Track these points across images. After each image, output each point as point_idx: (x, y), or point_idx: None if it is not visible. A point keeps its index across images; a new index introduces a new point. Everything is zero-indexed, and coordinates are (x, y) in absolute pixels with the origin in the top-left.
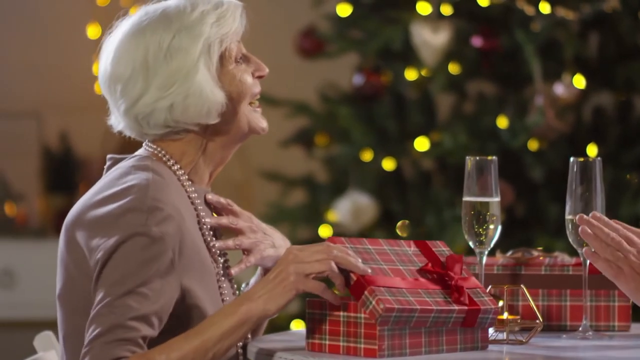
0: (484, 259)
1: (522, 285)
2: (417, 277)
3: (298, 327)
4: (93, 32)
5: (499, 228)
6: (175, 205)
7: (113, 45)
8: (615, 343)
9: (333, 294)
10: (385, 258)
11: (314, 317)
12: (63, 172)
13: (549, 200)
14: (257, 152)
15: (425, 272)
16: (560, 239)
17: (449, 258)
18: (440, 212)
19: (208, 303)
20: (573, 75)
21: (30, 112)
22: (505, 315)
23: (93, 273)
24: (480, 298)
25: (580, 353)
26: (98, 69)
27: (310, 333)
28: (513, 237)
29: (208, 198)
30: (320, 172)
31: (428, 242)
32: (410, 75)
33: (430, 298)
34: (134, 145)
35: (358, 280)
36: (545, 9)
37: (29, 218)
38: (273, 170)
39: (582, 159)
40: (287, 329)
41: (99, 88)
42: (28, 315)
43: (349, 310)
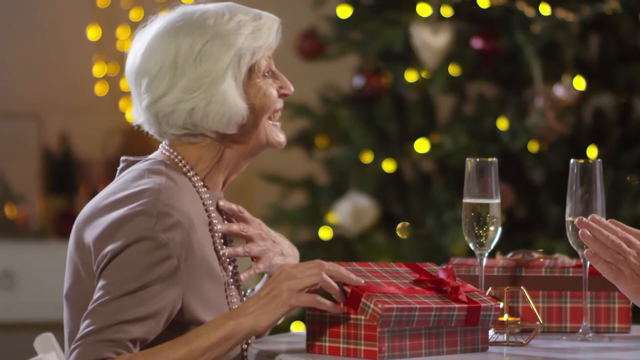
0: (484, 261)
1: (522, 287)
2: (412, 286)
3: (298, 328)
4: (93, 33)
5: (499, 230)
6: (186, 212)
7: (145, 40)
8: (616, 345)
9: (330, 303)
10: (378, 275)
11: (314, 318)
12: (63, 173)
13: (549, 202)
14: None
15: (420, 282)
16: (561, 241)
17: (442, 271)
18: (441, 213)
19: (214, 311)
20: (573, 77)
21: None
22: (506, 317)
23: (96, 271)
24: (479, 298)
25: (581, 355)
26: (127, 60)
27: (311, 335)
28: (513, 238)
29: (220, 205)
30: (321, 173)
31: (418, 263)
32: (411, 77)
33: (428, 299)
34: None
35: (353, 292)
36: (546, 11)
37: (30, 220)
38: (273, 172)
39: (582, 161)
40: (287, 331)
41: (100, 90)
42: (28, 317)
43: (349, 312)
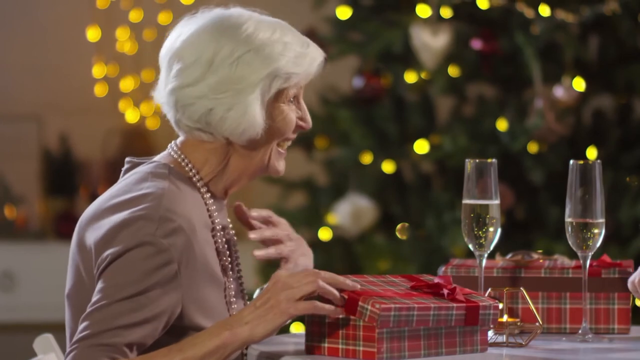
0: (484, 262)
1: (521, 288)
2: (409, 291)
3: (298, 329)
4: (93, 34)
5: (499, 231)
6: (188, 218)
7: (191, 28)
8: (615, 346)
9: (329, 307)
10: (374, 284)
11: (314, 319)
12: (63, 174)
13: (549, 203)
14: None
15: (417, 288)
16: (560, 242)
17: (439, 278)
18: (440, 214)
19: (214, 316)
20: (573, 78)
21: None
22: (505, 318)
23: (96, 273)
24: (477, 298)
25: (580, 356)
26: (166, 41)
27: (310, 336)
28: (513, 239)
29: (253, 216)
30: (320, 174)
31: (414, 275)
32: (410, 78)
33: (426, 300)
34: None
35: (350, 297)
36: (545, 12)
37: (29, 221)
38: None
39: (582, 162)
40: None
41: (99, 91)
42: (28, 318)
43: (349, 313)
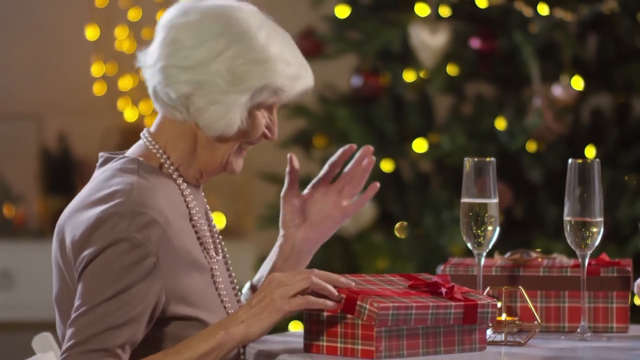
0: (482, 261)
1: (520, 287)
2: (407, 290)
3: (296, 328)
4: (92, 33)
5: (498, 229)
6: (160, 209)
7: (200, 10)
8: (614, 344)
9: (322, 300)
10: (371, 283)
11: (312, 318)
12: (62, 173)
13: (548, 202)
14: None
15: (415, 287)
16: (559, 241)
17: (436, 277)
18: (439, 213)
19: (202, 302)
20: (571, 77)
21: (30, 113)
22: (504, 317)
23: (76, 277)
24: (475, 296)
25: (579, 354)
26: (171, 10)
27: (308, 334)
28: (511, 238)
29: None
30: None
31: (412, 273)
32: (409, 77)
33: (424, 299)
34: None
35: (348, 297)
36: (544, 11)
37: (28, 219)
38: (272, 172)
39: (580, 161)
40: (285, 330)
41: (98, 90)
42: (26, 317)
43: (347, 312)
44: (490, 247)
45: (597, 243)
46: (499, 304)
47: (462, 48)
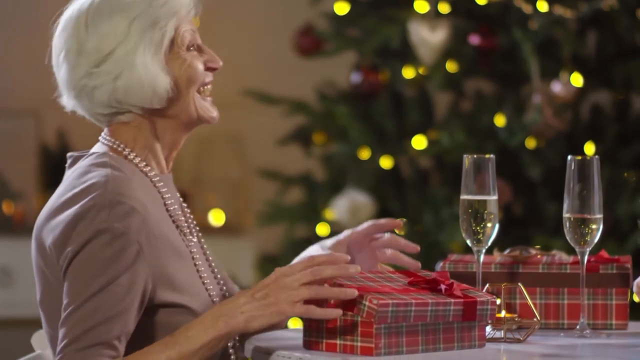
0: (482, 257)
1: (519, 284)
2: (406, 287)
3: (295, 325)
4: None
5: (497, 226)
6: (138, 198)
7: (61, 20)
8: (613, 341)
9: (323, 310)
10: (371, 280)
11: None
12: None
13: (547, 199)
14: (254, 150)
15: (414, 284)
16: (558, 238)
17: (436, 274)
18: (438, 210)
19: (188, 290)
20: (571, 74)
21: (29, 110)
22: (503, 314)
23: (62, 276)
24: (475, 293)
25: (578, 351)
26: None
27: (308, 331)
28: (511, 235)
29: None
30: (318, 170)
31: (411, 270)
32: (408, 74)
33: (424, 296)
34: None
35: None
36: (543, 7)
37: (27, 216)
38: (271, 169)
39: (579, 157)
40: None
41: None
42: (26, 314)
43: (346, 309)
44: (490, 244)
45: (596, 240)
46: (498, 301)
47: (461, 45)
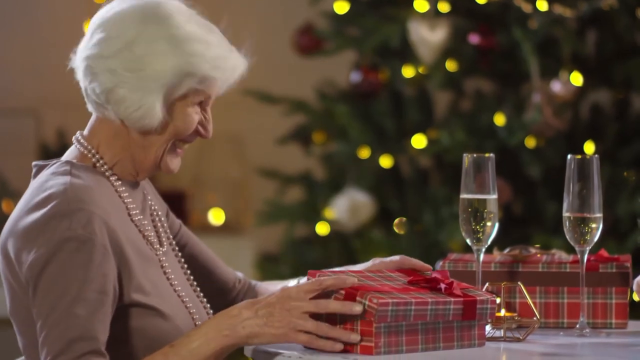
0: (481, 256)
1: (519, 283)
2: (406, 286)
3: None
4: None
5: (497, 225)
6: (98, 203)
7: (127, 4)
8: (613, 340)
9: (324, 342)
10: (371, 279)
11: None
12: None
13: (547, 198)
14: (254, 149)
15: (414, 283)
16: (558, 237)
17: (435, 272)
18: (438, 209)
19: (156, 291)
20: (570, 73)
21: (28, 109)
22: (503, 313)
23: (27, 287)
24: (474, 292)
25: (578, 350)
26: (101, 9)
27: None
28: (510, 234)
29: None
30: (318, 169)
31: (410, 269)
32: (408, 73)
33: (424, 295)
34: None
35: (347, 292)
36: (543, 7)
37: None
38: (270, 168)
39: (579, 157)
40: None
41: None
42: None
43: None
44: (489, 242)
45: (596, 239)
46: (498, 300)
47: (461, 44)
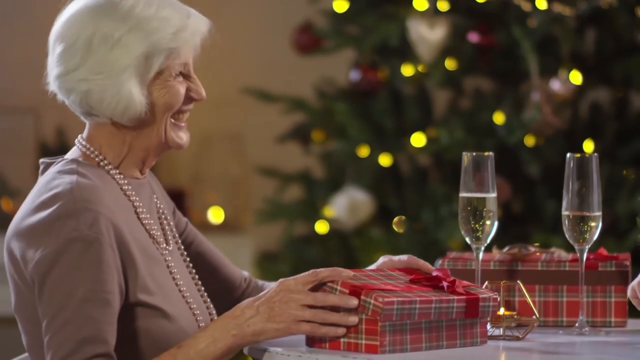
0: (481, 255)
1: (518, 281)
2: (408, 285)
3: None
4: None
5: (496, 224)
6: (104, 203)
7: (74, 7)
8: (612, 339)
9: (327, 329)
10: (373, 278)
11: None
12: None
13: (546, 196)
14: (253, 147)
15: (416, 281)
16: (557, 235)
17: (436, 271)
18: (437, 208)
19: (161, 291)
20: (570, 71)
21: (27, 108)
22: (502, 311)
23: (32, 285)
24: (476, 290)
25: (577, 349)
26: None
27: None
28: (510, 233)
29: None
30: (317, 167)
31: (411, 268)
32: (407, 71)
33: (427, 293)
34: None
35: (351, 292)
36: (542, 5)
37: None
38: (270, 166)
39: (578, 155)
40: None
41: None
42: None
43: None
44: (489, 241)
45: (595, 237)
46: (498, 299)
47: (460, 42)
